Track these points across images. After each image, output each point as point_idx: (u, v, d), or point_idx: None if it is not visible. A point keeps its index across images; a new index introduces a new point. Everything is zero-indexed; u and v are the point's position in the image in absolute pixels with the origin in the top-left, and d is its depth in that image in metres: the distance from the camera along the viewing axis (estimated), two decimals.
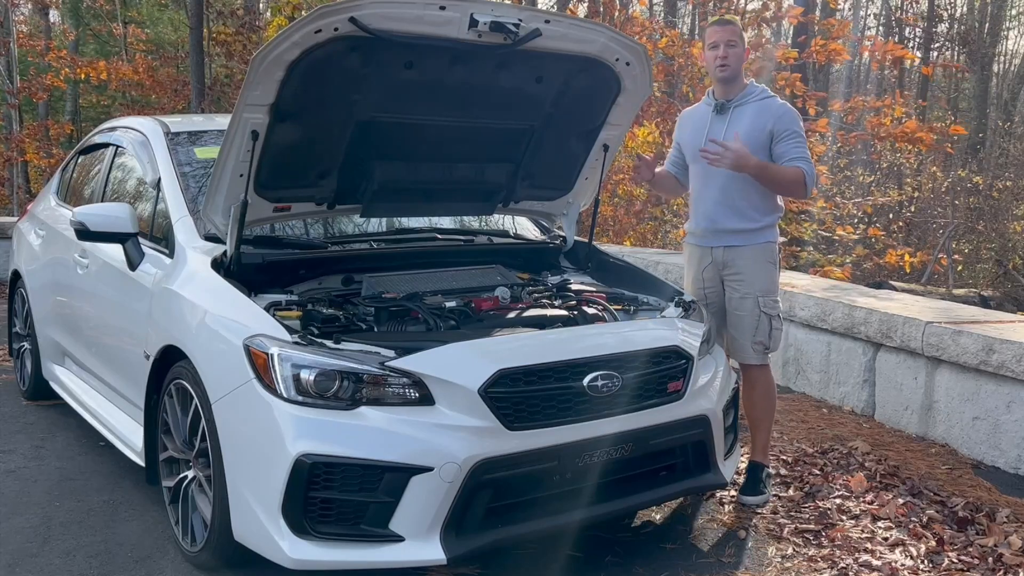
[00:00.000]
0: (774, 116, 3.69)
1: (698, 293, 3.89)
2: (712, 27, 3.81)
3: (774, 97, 3.79)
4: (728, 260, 3.79)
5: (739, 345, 3.81)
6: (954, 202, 14.74)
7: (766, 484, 3.82)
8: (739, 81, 3.77)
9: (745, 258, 3.76)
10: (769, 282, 3.78)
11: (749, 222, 3.74)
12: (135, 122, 4.43)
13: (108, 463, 4.11)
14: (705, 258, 3.86)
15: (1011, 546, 3.30)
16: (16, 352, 5.42)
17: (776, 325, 3.79)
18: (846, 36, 10.02)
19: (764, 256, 3.77)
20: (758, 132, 3.69)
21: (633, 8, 12.80)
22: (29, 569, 3.11)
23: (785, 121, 3.69)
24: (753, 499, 3.74)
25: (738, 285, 3.78)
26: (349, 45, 2.94)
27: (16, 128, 16.33)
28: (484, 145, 3.65)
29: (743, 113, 3.73)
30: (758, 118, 3.70)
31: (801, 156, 3.66)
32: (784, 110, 3.73)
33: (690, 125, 3.93)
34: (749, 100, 3.75)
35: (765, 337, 3.77)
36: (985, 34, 21.47)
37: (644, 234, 11.47)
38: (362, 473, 2.68)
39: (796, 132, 3.69)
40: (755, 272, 3.75)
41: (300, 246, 3.63)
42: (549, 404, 2.87)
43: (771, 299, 3.77)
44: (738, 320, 3.79)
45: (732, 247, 3.77)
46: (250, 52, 13.72)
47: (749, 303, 3.75)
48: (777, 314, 3.80)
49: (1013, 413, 4.15)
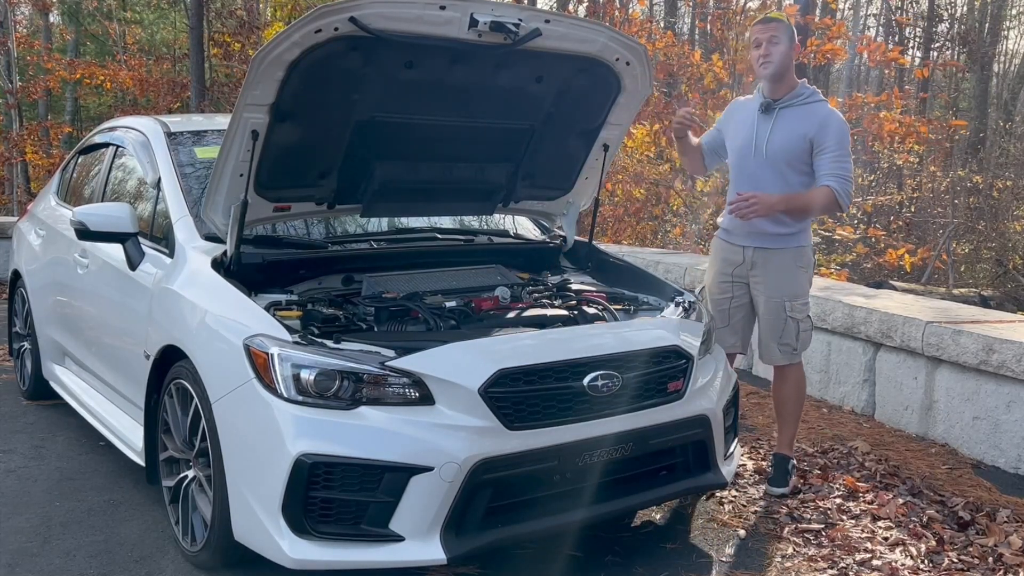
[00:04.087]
0: (816, 125, 3.61)
1: (723, 289, 3.88)
2: (755, 25, 3.75)
3: (823, 102, 3.70)
4: (758, 261, 3.77)
5: (765, 346, 3.82)
6: (954, 202, 14.75)
7: (791, 475, 3.86)
8: (787, 80, 3.68)
9: (775, 261, 3.74)
10: (798, 286, 3.76)
11: (782, 227, 3.71)
12: (135, 122, 4.43)
13: (108, 463, 4.11)
14: (735, 257, 3.84)
15: (1011, 546, 3.30)
16: (16, 352, 5.42)
17: (804, 327, 3.79)
18: (843, 36, 10.04)
19: (795, 260, 3.75)
20: (798, 139, 3.63)
21: (632, 9, 12.80)
22: (29, 569, 3.11)
23: (827, 132, 3.60)
24: (779, 489, 3.80)
25: (764, 288, 3.77)
26: (349, 45, 2.94)
27: (16, 128, 16.33)
28: (484, 145, 3.65)
29: (788, 116, 3.67)
30: (801, 124, 3.63)
31: (833, 172, 3.58)
32: (828, 119, 3.63)
33: (736, 118, 3.86)
34: (796, 103, 3.67)
35: (792, 339, 3.77)
36: (985, 34, 21.45)
37: (643, 234, 11.47)
38: (362, 473, 2.68)
39: (837, 144, 3.60)
40: (784, 276, 3.74)
41: (300, 246, 3.63)
42: (549, 404, 2.87)
43: (799, 303, 3.76)
44: (765, 322, 3.79)
45: (764, 249, 3.75)
46: (250, 52, 13.72)
47: (775, 306, 3.75)
48: (805, 316, 3.79)
49: (1013, 413, 4.15)
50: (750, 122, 3.76)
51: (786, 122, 3.67)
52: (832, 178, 3.59)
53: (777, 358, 3.83)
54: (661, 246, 10.86)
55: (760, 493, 3.84)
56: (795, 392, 3.90)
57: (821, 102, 3.70)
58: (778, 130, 3.67)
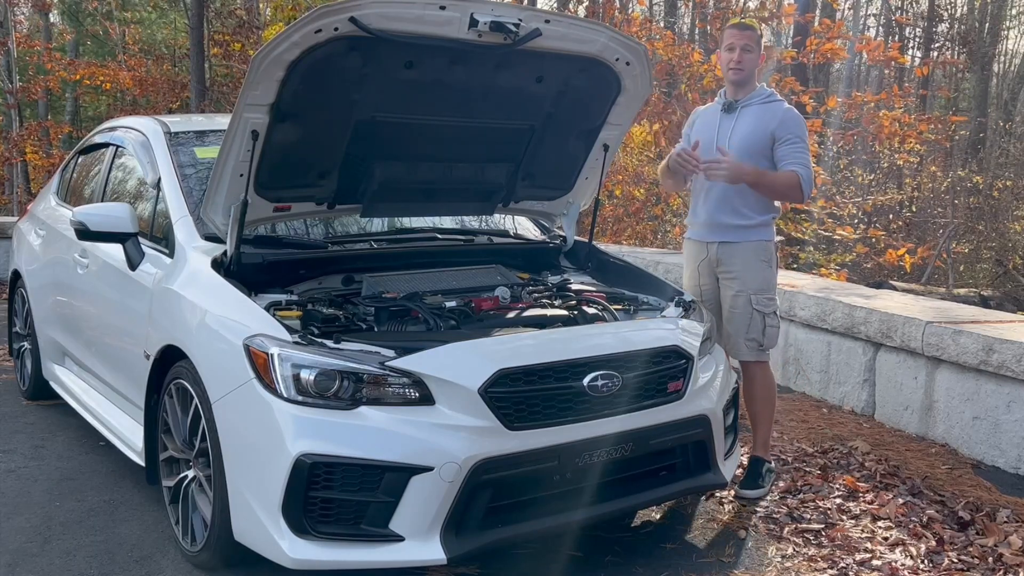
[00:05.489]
0: (777, 119, 3.76)
1: (694, 289, 3.96)
2: (731, 29, 3.85)
3: (780, 101, 3.87)
4: (722, 257, 3.85)
5: (733, 341, 3.85)
6: (954, 202, 14.75)
7: (766, 479, 3.84)
8: (750, 83, 3.84)
9: (739, 255, 3.81)
10: (762, 280, 3.82)
11: (743, 219, 3.80)
12: (135, 122, 4.43)
13: (108, 463, 4.11)
14: (701, 253, 3.93)
15: (1011, 546, 3.30)
16: (16, 352, 5.42)
17: (771, 323, 3.83)
18: (842, 36, 10.05)
19: (758, 254, 3.82)
20: (760, 134, 3.76)
21: (632, 10, 12.80)
22: (29, 569, 3.11)
23: (787, 125, 3.76)
24: (751, 493, 3.77)
25: (731, 282, 3.83)
26: (349, 45, 2.94)
27: (16, 128, 16.33)
28: (484, 145, 3.65)
29: (749, 114, 3.81)
30: (761, 120, 3.77)
31: (798, 161, 3.72)
32: (788, 114, 3.80)
33: (700, 122, 3.99)
34: (755, 101, 3.82)
35: (759, 334, 3.81)
36: (985, 34, 21.45)
37: (643, 233, 11.47)
38: (362, 473, 2.68)
39: (797, 136, 3.75)
40: (748, 270, 3.80)
41: (300, 246, 3.63)
42: (549, 404, 2.87)
43: (765, 297, 3.81)
44: (732, 317, 3.84)
45: (726, 243, 3.83)
46: (250, 52, 13.72)
47: (742, 300, 3.80)
48: (772, 312, 3.83)
49: (1013, 413, 4.15)
50: (713, 123, 3.89)
51: (748, 119, 3.80)
52: (798, 165, 3.71)
53: (743, 353, 3.86)
54: (661, 246, 10.86)
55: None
56: (762, 392, 3.91)
57: (779, 101, 3.86)
58: (740, 127, 3.80)
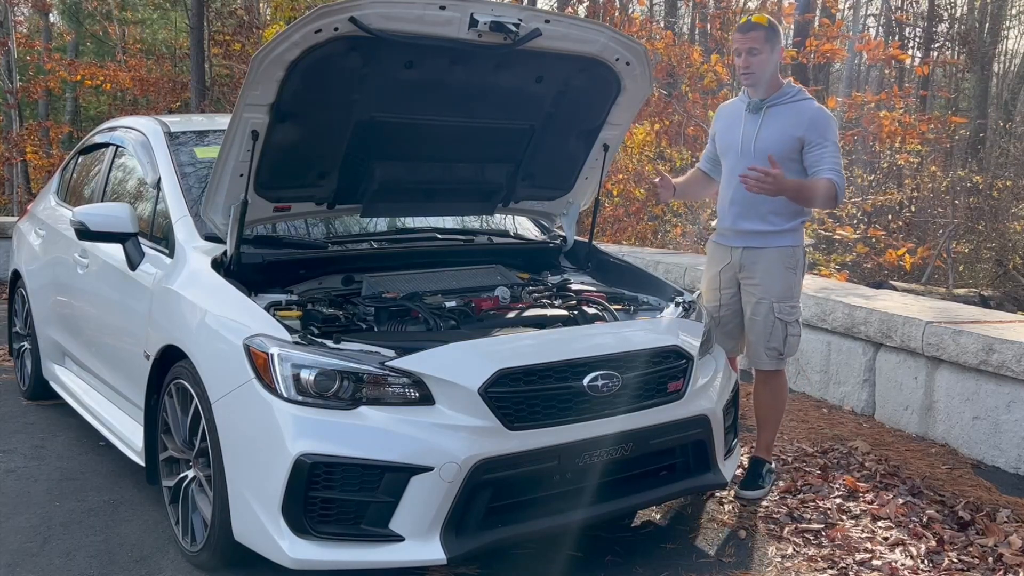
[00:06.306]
0: (807, 122, 3.61)
1: (713, 294, 3.87)
2: (735, 33, 3.75)
3: (809, 99, 3.71)
4: (745, 262, 3.76)
5: (754, 350, 3.78)
6: (954, 202, 14.73)
7: (766, 480, 3.82)
8: (772, 82, 3.70)
9: (763, 262, 3.71)
10: (786, 287, 3.71)
11: (771, 225, 3.70)
12: (135, 122, 4.43)
13: (108, 463, 4.11)
14: (724, 258, 3.84)
15: (1011, 546, 3.30)
16: (16, 352, 5.42)
17: (792, 331, 3.74)
18: (842, 36, 10.06)
19: (783, 261, 3.71)
20: (788, 138, 3.63)
21: (632, 10, 12.80)
22: (29, 569, 3.11)
23: (817, 127, 3.60)
24: (751, 493, 3.75)
25: (754, 289, 3.74)
26: (349, 45, 2.94)
27: (16, 128, 16.33)
28: (484, 145, 3.65)
29: (776, 114, 3.68)
30: (790, 122, 3.64)
31: (831, 167, 3.56)
32: (817, 115, 3.63)
33: (725, 120, 3.89)
34: (783, 101, 3.68)
35: (779, 343, 3.73)
36: (985, 34, 21.45)
37: (643, 234, 11.47)
38: (362, 473, 2.68)
39: (828, 140, 3.60)
40: (772, 277, 3.70)
41: (300, 246, 3.63)
42: (549, 404, 2.87)
43: (787, 305, 3.72)
44: (753, 324, 3.75)
45: (751, 248, 3.74)
46: (250, 52, 13.72)
47: (764, 308, 3.71)
48: (795, 320, 3.74)
49: (1013, 413, 4.15)
50: (737, 124, 3.78)
51: (774, 120, 3.67)
52: (831, 172, 3.56)
53: (764, 362, 3.78)
54: (661, 246, 10.86)
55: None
56: (772, 398, 3.86)
57: (808, 100, 3.71)
58: (766, 128, 3.68)
